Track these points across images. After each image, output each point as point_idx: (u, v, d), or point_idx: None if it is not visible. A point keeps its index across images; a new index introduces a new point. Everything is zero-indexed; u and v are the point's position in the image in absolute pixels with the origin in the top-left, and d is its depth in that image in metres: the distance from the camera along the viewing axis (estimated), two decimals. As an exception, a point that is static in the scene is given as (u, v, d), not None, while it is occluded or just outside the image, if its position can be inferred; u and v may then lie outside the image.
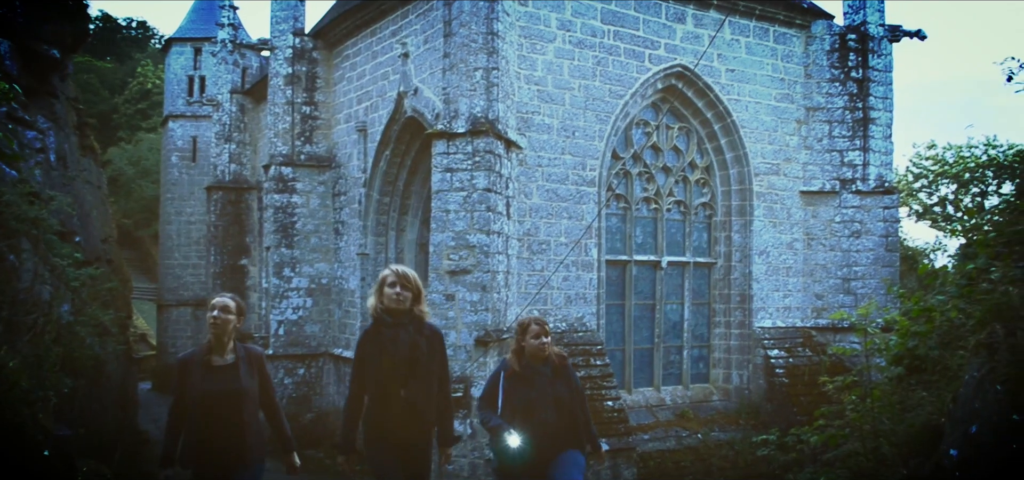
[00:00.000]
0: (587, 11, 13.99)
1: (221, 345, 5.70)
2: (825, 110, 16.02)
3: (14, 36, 11.54)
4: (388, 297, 5.22)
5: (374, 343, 5.24)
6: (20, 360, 6.36)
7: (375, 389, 5.23)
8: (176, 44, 31.28)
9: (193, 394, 5.53)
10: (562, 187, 13.82)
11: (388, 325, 5.22)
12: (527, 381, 5.89)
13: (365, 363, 5.30)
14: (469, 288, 12.20)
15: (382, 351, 5.19)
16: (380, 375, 5.21)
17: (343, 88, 17.97)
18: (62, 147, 13.53)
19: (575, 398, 6.02)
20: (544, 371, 5.94)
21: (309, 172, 18.16)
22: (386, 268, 5.44)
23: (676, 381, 15.77)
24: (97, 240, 14.85)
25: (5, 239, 8.75)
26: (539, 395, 5.84)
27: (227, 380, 5.61)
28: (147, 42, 56.12)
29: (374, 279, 16.40)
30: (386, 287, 5.26)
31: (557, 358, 6.06)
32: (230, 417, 5.55)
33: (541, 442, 5.74)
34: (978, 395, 3.22)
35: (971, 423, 3.24)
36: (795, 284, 16.01)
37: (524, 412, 5.78)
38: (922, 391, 4.35)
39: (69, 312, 10.18)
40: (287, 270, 17.96)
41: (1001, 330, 3.25)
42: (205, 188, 25.57)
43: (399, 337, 5.20)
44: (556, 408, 5.85)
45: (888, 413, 4.50)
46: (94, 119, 28.03)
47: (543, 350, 5.90)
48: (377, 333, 5.25)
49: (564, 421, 5.87)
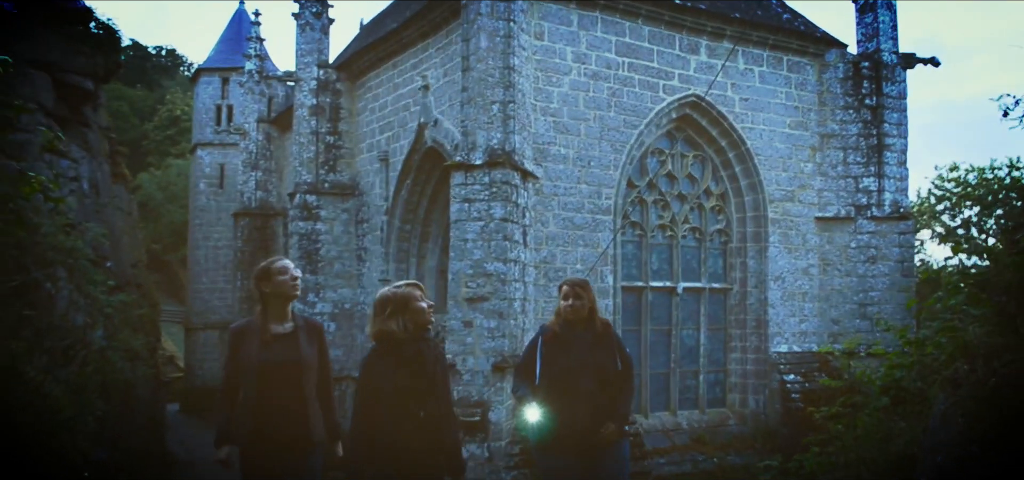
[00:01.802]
0: (602, 44, 14.33)
1: (281, 312, 5.29)
2: (840, 137, 16.22)
3: (49, 69, 12.08)
4: (422, 313, 4.87)
5: (389, 360, 4.81)
6: (62, 387, 6.73)
7: (389, 408, 4.73)
8: (205, 74, 32.01)
9: (249, 364, 5.11)
10: (578, 215, 14.12)
11: (411, 341, 4.84)
12: (564, 346, 5.49)
13: (380, 381, 4.79)
14: (486, 315, 12.51)
15: (397, 368, 4.76)
16: (397, 396, 4.76)
17: (366, 118, 18.43)
18: (95, 175, 14.01)
19: (624, 370, 5.61)
20: (584, 336, 5.52)
21: (333, 200, 18.60)
22: (395, 287, 5.00)
23: (692, 405, 15.96)
24: (127, 265, 15.32)
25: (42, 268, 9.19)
26: (577, 362, 5.42)
27: (288, 349, 5.18)
28: (176, 70, 57.32)
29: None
30: (417, 303, 4.87)
31: (601, 324, 5.65)
32: (291, 390, 5.12)
33: (580, 414, 5.32)
34: (943, 427, 3.47)
35: (937, 453, 3.49)
36: (811, 309, 16.17)
37: (561, 380, 5.39)
38: (902, 421, 4.59)
39: (102, 337, 10.61)
40: (311, 295, 18.37)
41: (965, 366, 3.51)
42: (232, 214, 26.13)
43: (423, 353, 4.84)
44: (595, 377, 5.43)
45: (870, 442, 4.74)
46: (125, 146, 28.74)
47: (572, 312, 5.51)
48: (393, 351, 4.82)
49: (605, 391, 5.46)
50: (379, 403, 4.76)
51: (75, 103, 13.13)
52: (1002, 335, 3.41)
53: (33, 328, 7.88)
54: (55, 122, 12.18)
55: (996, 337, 3.43)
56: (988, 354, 3.32)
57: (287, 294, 5.29)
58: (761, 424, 15.53)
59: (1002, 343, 3.34)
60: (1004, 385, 3.18)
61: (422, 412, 4.79)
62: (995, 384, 3.22)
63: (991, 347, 3.35)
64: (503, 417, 12.57)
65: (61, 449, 5.98)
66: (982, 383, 3.27)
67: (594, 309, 5.66)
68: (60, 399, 6.32)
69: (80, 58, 12.94)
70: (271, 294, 5.29)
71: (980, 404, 3.18)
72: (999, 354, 3.29)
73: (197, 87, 32.44)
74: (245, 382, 5.14)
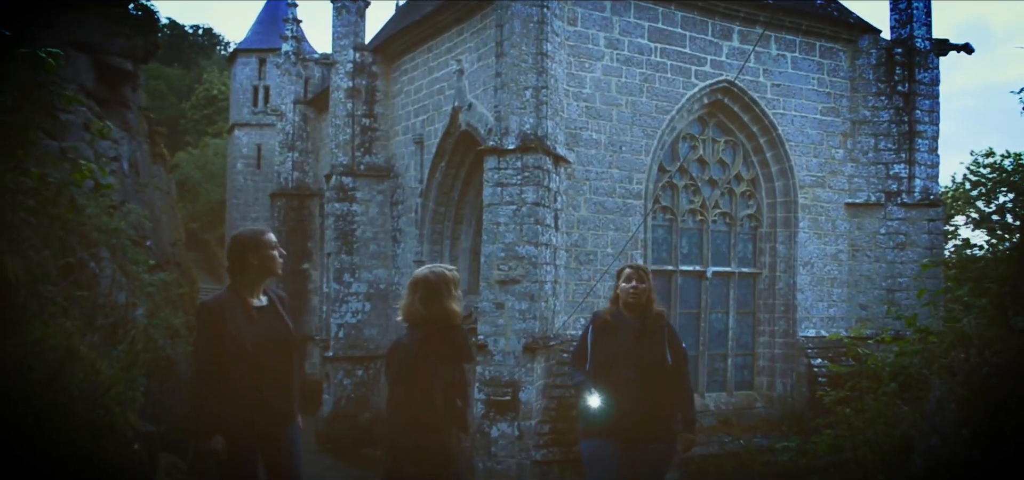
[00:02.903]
0: (635, 30, 14.49)
1: (258, 286, 5.02)
2: (871, 123, 16.24)
3: (90, 50, 12.53)
4: (458, 300, 4.68)
5: (432, 349, 4.57)
6: (113, 364, 7.13)
7: (429, 403, 4.51)
8: (242, 55, 32.52)
9: (240, 342, 4.78)
10: (609, 200, 14.33)
11: (448, 329, 4.63)
12: (613, 333, 5.42)
13: (427, 372, 4.55)
14: (518, 297, 12.80)
15: (440, 359, 4.57)
16: (441, 386, 4.58)
17: (401, 101, 18.75)
18: (134, 155, 14.45)
19: (674, 365, 5.45)
20: (633, 324, 5.42)
21: (368, 182, 18.97)
22: (433, 269, 4.78)
23: (720, 388, 16.15)
24: (167, 244, 15.78)
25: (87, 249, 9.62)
26: (622, 350, 5.35)
27: (273, 324, 4.97)
28: (213, 49, 57.98)
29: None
30: (456, 289, 4.69)
31: (656, 315, 5.51)
32: (282, 366, 4.95)
33: (622, 404, 5.23)
34: (938, 412, 3.69)
35: (932, 437, 3.72)
36: (839, 294, 16.27)
37: (604, 367, 5.33)
38: (906, 406, 4.81)
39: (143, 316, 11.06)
40: (347, 276, 18.78)
41: (961, 355, 3.72)
42: (269, 195, 26.60)
43: (457, 339, 4.66)
44: (640, 367, 5.32)
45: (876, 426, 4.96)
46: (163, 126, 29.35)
47: (632, 296, 5.38)
48: (433, 339, 4.59)
49: (651, 383, 5.33)
50: (426, 395, 4.55)
51: (115, 84, 13.57)
52: (995, 326, 3.63)
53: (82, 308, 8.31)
54: (95, 102, 12.64)
55: (990, 328, 3.64)
56: (982, 344, 3.53)
57: (272, 270, 5.03)
58: (788, 407, 15.70)
59: (995, 334, 3.55)
60: (995, 374, 3.39)
61: (459, 401, 4.68)
62: (987, 373, 3.43)
63: (985, 337, 3.57)
64: (533, 397, 12.88)
65: (114, 422, 6.35)
66: (975, 372, 3.48)
67: (652, 298, 5.57)
68: (111, 376, 6.69)
69: (119, 39, 13.36)
70: (257, 267, 4.98)
71: (972, 392, 3.39)
72: (992, 344, 3.50)
73: (234, 67, 32.97)
74: (235, 362, 4.77)
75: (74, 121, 10.68)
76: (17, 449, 4.07)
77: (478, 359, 13.09)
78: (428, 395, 4.49)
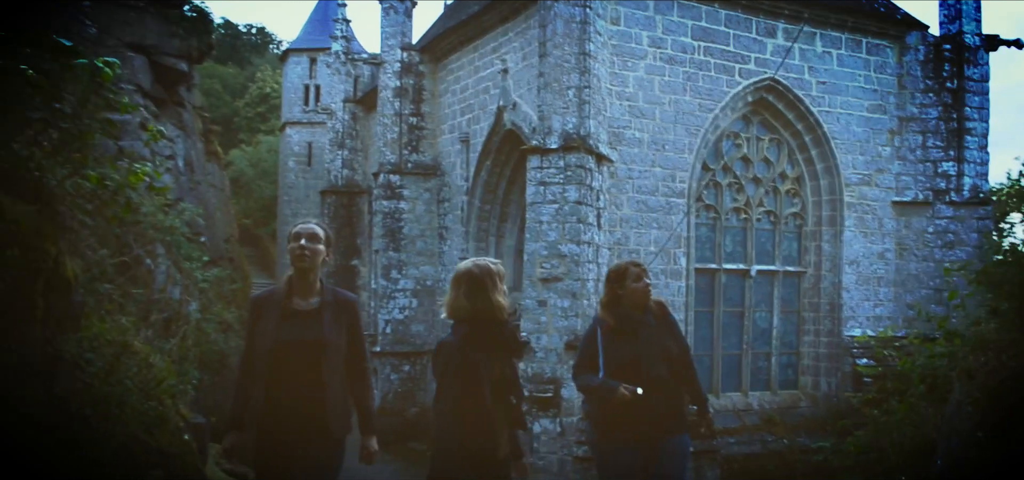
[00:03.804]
0: (678, 28, 14.51)
1: (305, 285, 4.61)
2: (919, 120, 16.04)
3: (146, 51, 12.98)
4: (504, 293, 4.44)
5: (480, 345, 4.36)
6: (165, 358, 7.44)
7: (479, 401, 4.32)
8: (293, 55, 33.15)
9: (264, 341, 4.50)
10: (652, 198, 14.38)
11: (497, 323, 4.42)
12: (630, 334, 5.24)
13: (476, 369, 4.36)
14: (560, 295, 12.94)
15: (490, 355, 4.37)
16: (491, 383, 4.37)
17: (447, 100, 19.00)
18: (189, 154, 14.91)
19: (683, 351, 5.44)
20: (648, 321, 5.29)
21: (415, 180, 19.25)
22: (477, 262, 4.55)
23: (764, 387, 16.10)
24: (220, 240, 16.24)
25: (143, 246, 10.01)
26: (646, 348, 5.20)
27: (307, 328, 4.52)
28: (265, 47, 58.95)
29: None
30: (501, 282, 4.46)
31: (657, 306, 5.43)
32: (307, 374, 4.47)
33: (648, 401, 5.06)
34: (957, 414, 3.75)
35: (952, 438, 3.79)
36: (886, 294, 16.10)
37: (631, 369, 5.13)
38: (932, 408, 4.85)
39: (197, 310, 11.44)
40: (394, 272, 19.10)
41: (981, 359, 3.78)
42: (320, 192, 27.10)
43: (507, 334, 4.46)
44: (667, 361, 5.23)
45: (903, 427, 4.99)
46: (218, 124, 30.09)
47: (647, 294, 5.29)
48: (481, 334, 4.39)
49: (675, 377, 5.30)
50: (477, 393, 4.34)
51: (170, 84, 14.03)
52: (1013, 331, 3.68)
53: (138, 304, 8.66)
54: (152, 102, 13.11)
55: (1008, 332, 3.69)
56: (999, 348, 3.59)
57: (293, 262, 4.60)
58: (833, 407, 15.58)
59: (1011, 338, 3.60)
60: (1010, 378, 3.46)
61: (512, 399, 4.45)
62: (1003, 377, 3.50)
63: (1002, 342, 3.63)
64: (575, 393, 13.00)
65: (165, 414, 6.64)
66: (992, 376, 3.55)
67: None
68: (164, 369, 6.99)
69: (175, 41, 13.81)
70: (293, 263, 4.64)
71: (988, 395, 3.46)
72: (1008, 349, 3.56)
73: (286, 67, 33.62)
74: (259, 362, 4.52)
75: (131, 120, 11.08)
76: (78, 436, 4.35)
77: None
78: (477, 393, 4.26)
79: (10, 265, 4.11)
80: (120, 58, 12.09)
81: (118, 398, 5.07)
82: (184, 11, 14.55)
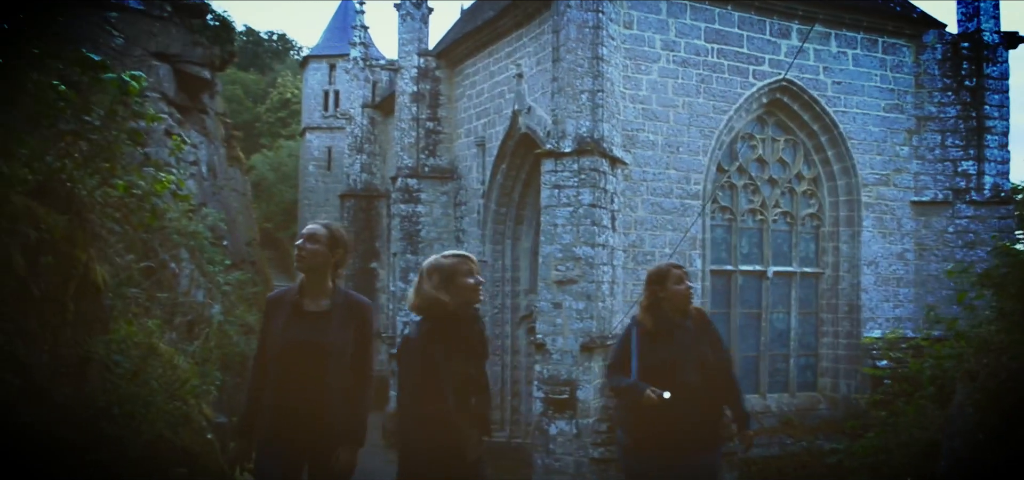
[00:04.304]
0: (691, 31, 14.58)
1: (315, 286, 4.52)
2: (937, 120, 16.00)
3: (170, 60, 13.24)
4: (469, 289, 4.20)
5: (442, 342, 4.15)
6: (189, 359, 7.63)
7: (440, 401, 4.09)
8: (313, 61, 33.49)
9: (273, 343, 4.45)
10: (666, 200, 14.46)
11: (463, 320, 4.22)
12: (666, 338, 5.06)
13: (437, 368, 4.14)
14: (575, 297, 13.05)
15: (452, 353, 4.13)
16: (454, 383, 4.12)
17: (463, 104, 19.16)
18: (212, 159, 15.17)
19: (723, 362, 5.21)
20: (686, 326, 5.11)
21: (432, 183, 19.42)
22: (441, 257, 4.36)
23: (782, 389, 16.11)
24: (242, 244, 16.49)
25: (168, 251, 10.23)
26: (681, 353, 5.00)
27: (315, 330, 4.43)
28: (286, 53, 59.42)
29: (496, 285, 17.55)
30: (462, 278, 4.20)
31: (697, 314, 5.25)
32: (311, 377, 4.36)
33: (679, 410, 4.84)
34: (960, 415, 3.83)
35: (955, 439, 3.88)
36: (906, 294, 16.05)
37: (664, 373, 4.94)
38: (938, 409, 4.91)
39: (219, 313, 11.65)
40: (412, 274, 19.20)
41: (984, 361, 3.86)
42: (339, 196, 27.38)
43: (473, 333, 4.26)
44: (701, 369, 5.00)
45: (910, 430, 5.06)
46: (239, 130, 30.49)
47: (688, 297, 5.12)
48: (444, 331, 4.18)
49: (708, 387, 5.02)
50: (437, 392, 4.11)
51: (194, 91, 14.30)
52: (1013, 332, 3.76)
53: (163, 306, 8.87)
54: (176, 109, 13.39)
55: (1010, 334, 3.77)
56: (999, 350, 3.67)
57: (301, 265, 4.53)
58: (852, 408, 15.55)
59: (1011, 340, 3.68)
60: (1010, 380, 3.54)
61: (474, 400, 4.19)
62: (1003, 379, 3.58)
63: (1003, 344, 3.70)
64: (591, 395, 13.12)
65: (189, 413, 6.82)
66: (993, 377, 3.63)
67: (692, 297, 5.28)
68: (187, 370, 7.17)
69: (198, 50, 14.09)
70: (296, 264, 4.60)
71: (988, 396, 3.54)
72: (1008, 350, 3.64)
73: (305, 73, 33.96)
74: (270, 363, 4.46)
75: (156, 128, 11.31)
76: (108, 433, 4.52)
77: (537, 358, 13.37)
78: (438, 393, 4.03)
79: (44, 271, 4.30)
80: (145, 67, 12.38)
81: (144, 398, 5.24)
82: (207, 21, 14.83)
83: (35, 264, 4.30)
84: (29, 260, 4.26)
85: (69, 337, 4.69)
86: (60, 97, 4.82)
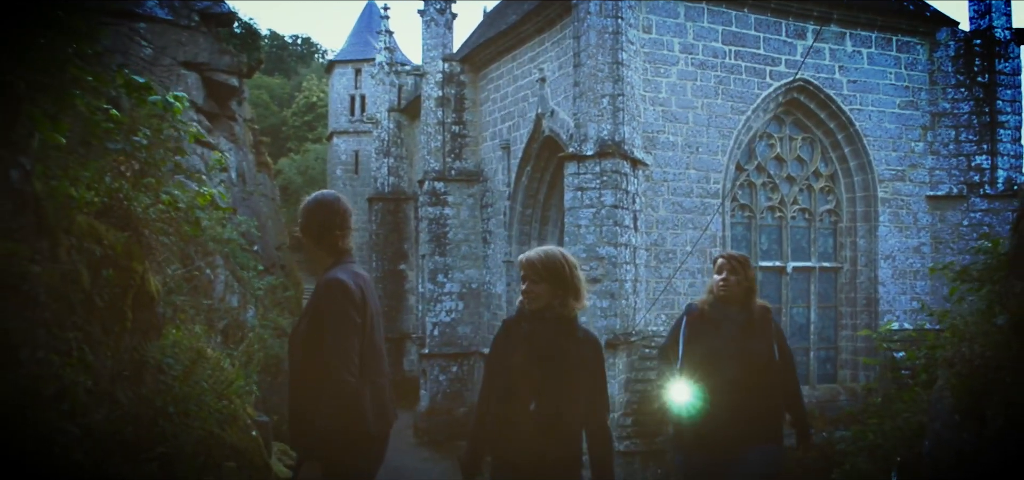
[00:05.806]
0: (708, 34, 14.92)
1: (322, 268, 4.34)
2: (951, 115, 16.22)
3: (199, 69, 13.73)
4: (525, 291, 4.04)
5: (504, 341, 4.10)
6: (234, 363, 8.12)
7: (501, 401, 3.99)
8: (338, 66, 34.06)
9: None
10: (687, 200, 14.81)
11: (526, 319, 4.02)
12: (713, 326, 4.86)
13: (494, 367, 4.12)
14: (599, 295, 13.44)
15: (513, 350, 3.99)
16: (508, 381, 3.98)
17: (488, 108, 19.60)
18: (241, 165, 15.67)
19: (781, 363, 4.89)
20: (736, 318, 4.84)
21: (459, 186, 19.88)
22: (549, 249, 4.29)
23: (803, 382, 16.36)
24: (272, 248, 16.99)
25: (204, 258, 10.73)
26: (724, 344, 4.76)
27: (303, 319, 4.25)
28: (311, 57, 60.25)
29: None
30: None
31: (760, 309, 4.92)
32: (300, 368, 4.14)
33: (723, 405, 4.65)
34: (940, 400, 4.20)
35: (936, 422, 4.24)
36: (923, 287, 16.30)
37: (705, 365, 4.77)
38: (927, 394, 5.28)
39: (254, 317, 12.16)
40: (440, 276, 19.74)
41: (961, 348, 4.23)
42: (367, 199, 27.90)
43: (536, 333, 3.95)
44: (744, 364, 4.71)
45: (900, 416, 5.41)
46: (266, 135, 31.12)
47: (722, 289, 4.86)
48: (508, 330, 4.11)
49: (755, 383, 4.72)
50: (491, 389, 4.05)
51: (222, 99, 14.79)
52: (986, 322, 4.13)
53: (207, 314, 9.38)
54: (205, 117, 13.89)
55: (983, 324, 4.14)
56: (972, 338, 4.04)
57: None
58: (872, 400, 15.81)
59: (984, 329, 4.05)
60: (983, 366, 3.91)
61: (533, 405, 3.89)
62: (977, 365, 3.96)
63: (976, 333, 4.07)
64: (616, 391, 13.49)
65: (235, 412, 7.29)
66: (967, 364, 4.01)
67: (753, 290, 4.97)
68: (232, 372, 7.63)
69: (226, 58, 14.59)
70: None
71: (961, 381, 3.92)
72: (981, 339, 4.02)
73: (331, 77, 34.55)
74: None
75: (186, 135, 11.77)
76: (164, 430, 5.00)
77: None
78: (520, 404, 3.87)
79: (106, 284, 4.77)
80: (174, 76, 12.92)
81: (195, 398, 5.72)
82: (234, 29, 15.35)
83: (98, 277, 4.77)
84: (93, 274, 4.73)
85: (128, 343, 5.17)
86: (110, 120, 5.28)
